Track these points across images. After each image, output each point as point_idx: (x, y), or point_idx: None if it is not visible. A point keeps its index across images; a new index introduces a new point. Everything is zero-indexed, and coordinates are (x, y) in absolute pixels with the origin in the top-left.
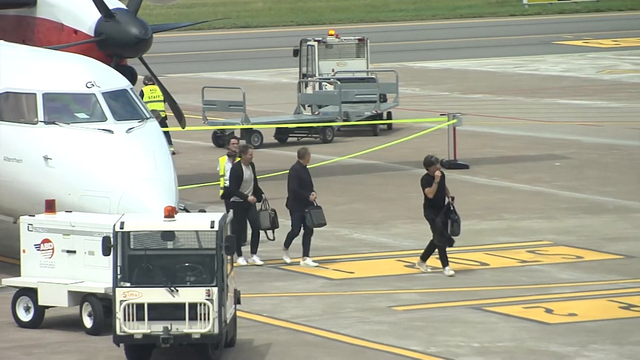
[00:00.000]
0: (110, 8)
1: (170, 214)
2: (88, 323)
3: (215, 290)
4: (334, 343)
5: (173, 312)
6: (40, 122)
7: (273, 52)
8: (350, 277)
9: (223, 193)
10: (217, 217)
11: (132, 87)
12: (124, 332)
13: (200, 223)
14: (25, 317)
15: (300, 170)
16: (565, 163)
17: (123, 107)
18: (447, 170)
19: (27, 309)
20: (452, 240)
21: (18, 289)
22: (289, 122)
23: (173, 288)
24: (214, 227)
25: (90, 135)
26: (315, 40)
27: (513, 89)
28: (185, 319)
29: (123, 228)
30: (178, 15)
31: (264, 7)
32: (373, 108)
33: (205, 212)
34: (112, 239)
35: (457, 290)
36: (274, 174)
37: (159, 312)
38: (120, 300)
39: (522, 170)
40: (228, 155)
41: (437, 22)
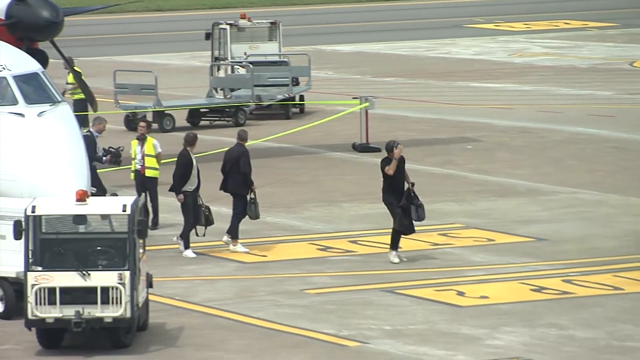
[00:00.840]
0: None
1: (82, 198)
2: None
3: (128, 274)
4: (247, 326)
5: (85, 296)
6: None
7: (185, 35)
8: (263, 260)
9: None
10: (129, 200)
11: (43, 70)
12: (36, 316)
13: (112, 207)
14: None
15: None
16: (477, 146)
17: (35, 90)
18: (359, 154)
19: None
20: (412, 227)
21: None
22: (201, 105)
23: (85, 272)
24: (126, 210)
25: (1, 119)
26: (228, 24)
27: (425, 72)
28: (98, 303)
29: (35, 212)
30: None
31: None
32: (285, 91)
33: (117, 195)
34: (23, 223)
35: (369, 274)
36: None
37: (71, 296)
38: (32, 284)
39: (433, 153)
40: (137, 139)
41: (349, 5)
